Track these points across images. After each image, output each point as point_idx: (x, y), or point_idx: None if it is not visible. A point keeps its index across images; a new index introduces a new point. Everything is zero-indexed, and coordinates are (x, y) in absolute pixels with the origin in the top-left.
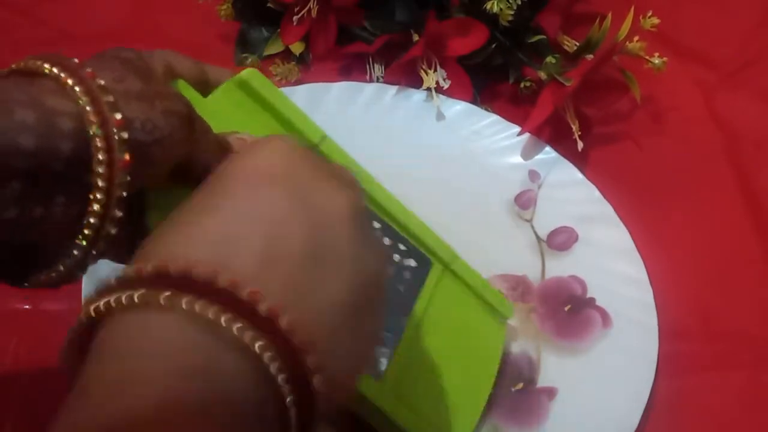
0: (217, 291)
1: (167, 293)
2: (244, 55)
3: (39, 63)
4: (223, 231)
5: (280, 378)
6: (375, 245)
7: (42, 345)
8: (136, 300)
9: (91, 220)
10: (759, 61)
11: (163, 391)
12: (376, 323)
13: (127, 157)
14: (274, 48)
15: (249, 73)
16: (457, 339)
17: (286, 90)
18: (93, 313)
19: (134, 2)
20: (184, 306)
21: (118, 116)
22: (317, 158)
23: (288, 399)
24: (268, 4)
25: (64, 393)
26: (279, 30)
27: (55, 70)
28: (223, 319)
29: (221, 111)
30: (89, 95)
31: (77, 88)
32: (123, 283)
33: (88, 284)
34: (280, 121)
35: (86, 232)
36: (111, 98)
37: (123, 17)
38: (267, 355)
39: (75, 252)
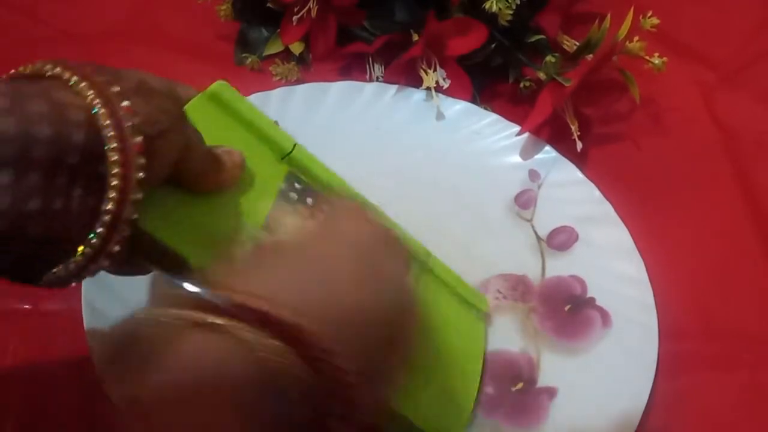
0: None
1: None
2: (244, 55)
3: (39, 65)
4: (300, 281)
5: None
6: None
7: (42, 345)
8: (203, 321)
9: (109, 207)
10: (759, 61)
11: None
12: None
13: (140, 139)
14: (274, 48)
15: (219, 86)
16: (441, 336)
17: (286, 90)
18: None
19: (134, 2)
20: (242, 334)
21: (126, 103)
22: (385, 230)
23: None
24: (268, 4)
25: (64, 393)
26: (279, 30)
27: (58, 69)
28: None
29: (195, 124)
30: (95, 88)
31: (83, 83)
32: (192, 303)
33: (88, 287)
34: (251, 131)
35: (105, 218)
36: (117, 89)
37: (123, 17)
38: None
39: (94, 240)
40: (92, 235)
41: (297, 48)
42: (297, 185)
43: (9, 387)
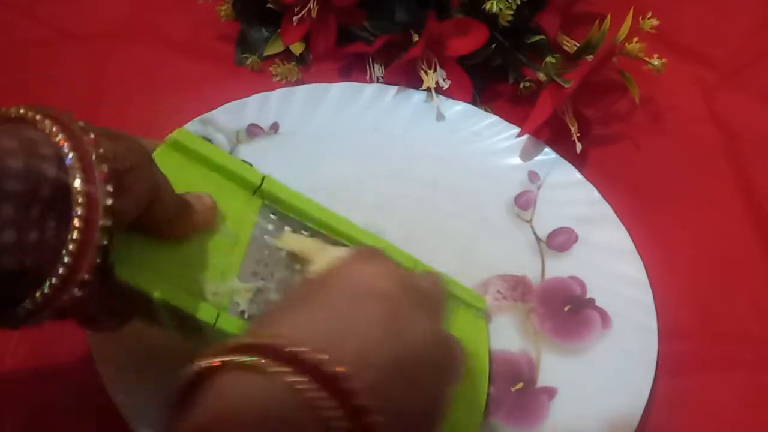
0: (317, 371)
1: (280, 365)
2: (244, 55)
3: (4, 110)
4: (327, 327)
5: None
6: (448, 359)
7: (42, 345)
8: (250, 363)
9: (75, 235)
10: (759, 61)
11: None
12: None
13: (105, 168)
14: (274, 48)
15: (179, 133)
16: None
17: (286, 90)
18: (206, 365)
19: (134, 2)
20: (288, 378)
21: (92, 135)
22: (410, 281)
23: None
24: (268, 5)
25: (64, 393)
26: (279, 30)
27: (22, 111)
28: (308, 388)
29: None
30: (59, 124)
31: (47, 121)
32: (237, 348)
33: None
34: (219, 171)
35: (71, 247)
36: (82, 123)
37: (123, 17)
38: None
39: (61, 270)
40: (59, 265)
41: (297, 48)
42: (272, 216)
43: (9, 387)
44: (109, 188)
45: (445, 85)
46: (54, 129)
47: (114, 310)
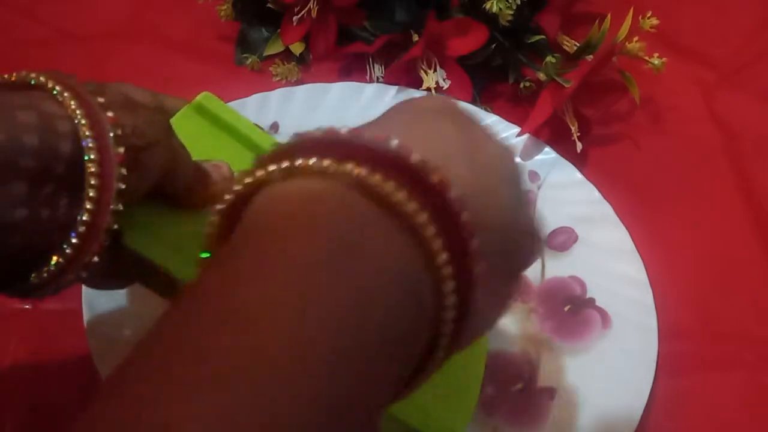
0: (393, 162)
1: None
2: (244, 55)
3: (24, 74)
4: (402, 135)
5: (442, 258)
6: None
7: (42, 345)
8: (297, 166)
9: (85, 217)
10: (759, 61)
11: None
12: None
13: (121, 150)
14: (274, 48)
15: (204, 97)
16: None
17: (286, 90)
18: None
19: (134, 2)
20: (351, 172)
21: (110, 114)
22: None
23: (449, 285)
24: (268, 5)
25: (64, 393)
26: (279, 30)
27: (42, 78)
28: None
29: (182, 136)
30: (78, 99)
31: (66, 93)
32: (281, 154)
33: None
34: (239, 139)
35: (80, 229)
36: (102, 100)
37: (123, 17)
38: (430, 230)
39: (68, 250)
40: (66, 245)
41: (297, 48)
42: None
43: (9, 387)
44: (123, 172)
45: (445, 85)
46: (73, 104)
47: (120, 273)
